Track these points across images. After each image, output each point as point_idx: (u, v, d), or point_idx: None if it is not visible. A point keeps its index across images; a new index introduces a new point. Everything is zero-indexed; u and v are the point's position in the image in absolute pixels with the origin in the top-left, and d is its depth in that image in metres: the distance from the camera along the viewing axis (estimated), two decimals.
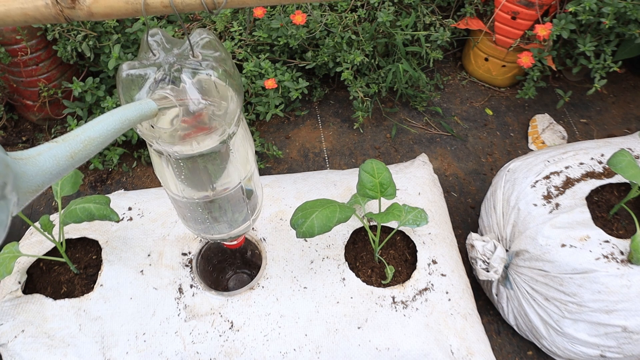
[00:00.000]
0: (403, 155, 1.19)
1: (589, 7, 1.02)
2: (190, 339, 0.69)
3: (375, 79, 1.20)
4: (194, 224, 0.55)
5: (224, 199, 0.51)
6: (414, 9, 1.19)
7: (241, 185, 0.52)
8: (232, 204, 0.53)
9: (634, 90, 1.33)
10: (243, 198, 0.54)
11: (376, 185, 0.69)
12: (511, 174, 0.87)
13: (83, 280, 0.75)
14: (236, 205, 0.54)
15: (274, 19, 1.11)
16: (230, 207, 0.54)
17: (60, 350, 0.67)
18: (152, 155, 0.47)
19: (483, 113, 1.28)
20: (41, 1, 0.36)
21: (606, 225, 0.77)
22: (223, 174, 0.49)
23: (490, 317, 0.94)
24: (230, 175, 0.49)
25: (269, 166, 1.17)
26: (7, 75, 1.13)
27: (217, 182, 0.49)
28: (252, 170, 0.53)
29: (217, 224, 0.55)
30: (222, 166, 0.48)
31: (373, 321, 0.70)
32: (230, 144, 0.46)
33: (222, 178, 0.49)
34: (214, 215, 0.54)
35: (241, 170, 0.50)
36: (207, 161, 0.46)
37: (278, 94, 1.10)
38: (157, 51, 0.41)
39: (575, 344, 0.76)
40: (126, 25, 1.09)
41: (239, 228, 0.58)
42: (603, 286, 0.71)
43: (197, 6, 0.36)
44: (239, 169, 0.50)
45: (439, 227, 0.82)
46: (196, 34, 0.42)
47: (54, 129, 1.22)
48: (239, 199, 0.53)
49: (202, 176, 0.47)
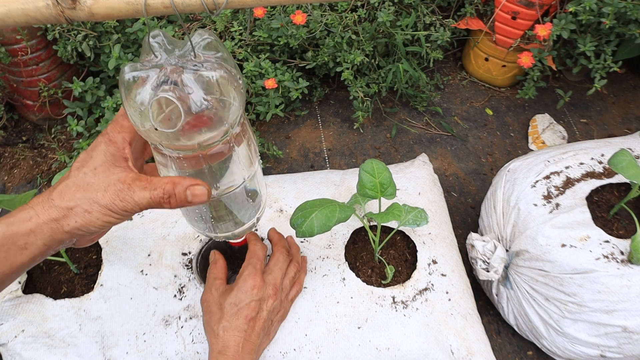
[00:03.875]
0: (403, 155, 1.19)
1: (589, 7, 1.02)
2: (191, 339, 0.69)
3: (376, 79, 1.20)
4: (198, 222, 0.56)
5: (228, 197, 0.52)
6: (414, 9, 1.19)
7: (245, 184, 0.52)
8: (236, 202, 0.53)
9: (634, 90, 1.33)
10: (247, 197, 0.54)
11: (376, 185, 0.69)
12: (511, 174, 0.87)
13: (83, 280, 0.75)
14: (241, 204, 0.54)
15: (274, 19, 1.11)
16: (234, 205, 0.54)
17: (61, 350, 0.67)
18: (157, 156, 0.47)
19: (483, 113, 1.28)
20: (42, 2, 0.36)
21: (606, 225, 0.77)
22: (227, 173, 0.49)
23: (490, 317, 0.94)
24: (234, 174, 0.49)
25: (269, 166, 1.17)
26: (7, 75, 1.13)
27: (221, 181, 0.49)
28: (255, 169, 0.53)
29: (222, 222, 0.55)
30: (226, 165, 0.48)
31: (373, 321, 0.70)
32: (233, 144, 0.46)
33: (226, 177, 0.49)
34: (219, 214, 0.54)
35: (245, 169, 0.50)
36: (211, 161, 0.46)
37: (278, 93, 1.10)
38: (159, 52, 0.41)
39: (575, 344, 0.77)
40: (126, 25, 1.09)
41: (243, 227, 0.58)
42: (603, 286, 0.71)
43: (197, 7, 0.36)
44: (243, 168, 0.50)
45: (439, 227, 0.82)
46: (197, 35, 0.42)
47: (54, 128, 1.22)
48: (243, 198, 0.54)
49: (206, 176, 0.47)
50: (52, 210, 0.43)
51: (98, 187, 0.44)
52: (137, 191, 0.44)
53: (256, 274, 0.65)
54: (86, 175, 0.44)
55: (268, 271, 0.67)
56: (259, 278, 0.65)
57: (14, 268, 0.44)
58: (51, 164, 1.17)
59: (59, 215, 0.43)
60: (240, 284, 0.64)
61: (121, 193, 0.44)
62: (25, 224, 0.43)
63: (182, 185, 0.44)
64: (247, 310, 0.62)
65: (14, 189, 1.13)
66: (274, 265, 0.68)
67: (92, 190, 0.44)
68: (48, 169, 1.16)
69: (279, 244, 0.72)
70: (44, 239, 0.44)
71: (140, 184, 0.44)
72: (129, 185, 0.44)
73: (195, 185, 0.45)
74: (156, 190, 0.44)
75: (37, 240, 0.43)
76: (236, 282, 0.65)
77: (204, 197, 0.45)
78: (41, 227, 0.43)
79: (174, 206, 0.45)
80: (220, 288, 0.65)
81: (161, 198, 0.44)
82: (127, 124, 0.47)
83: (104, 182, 0.44)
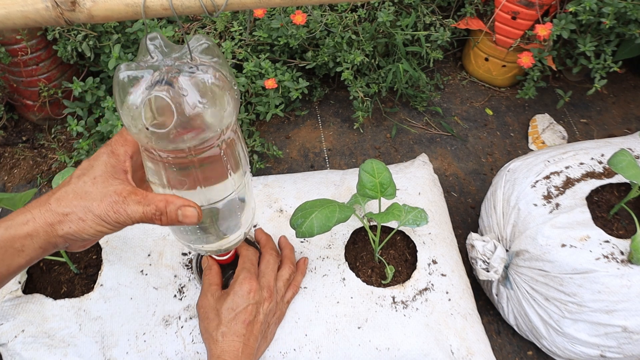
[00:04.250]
0: (403, 155, 1.19)
1: (589, 7, 1.02)
2: (191, 339, 0.69)
3: (375, 79, 1.20)
4: (186, 235, 0.55)
5: (217, 208, 0.51)
6: (414, 9, 1.19)
7: (235, 193, 0.52)
8: (224, 213, 0.53)
9: (634, 90, 1.33)
10: (236, 208, 0.54)
11: (376, 185, 0.69)
12: (511, 174, 0.87)
13: (83, 280, 0.75)
14: (229, 215, 0.54)
15: (274, 19, 1.11)
16: (222, 217, 0.54)
17: (61, 350, 0.67)
18: (147, 162, 0.47)
19: (483, 113, 1.28)
20: (41, 4, 0.36)
21: (606, 225, 0.77)
22: (217, 182, 0.49)
23: (490, 317, 0.94)
24: (225, 183, 0.49)
25: (269, 166, 1.17)
26: (7, 75, 1.13)
27: (211, 189, 0.49)
28: (246, 180, 0.53)
29: (209, 235, 0.55)
30: (216, 173, 0.48)
31: (373, 321, 0.70)
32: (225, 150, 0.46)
33: (216, 186, 0.49)
34: (205, 225, 0.54)
35: (235, 178, 0.50)
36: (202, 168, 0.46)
37: (278, 93, 1.10)
38: (156, 54, 0.41)
39: (575, 344, 0.77)
40: (126, 25, 1.09)
41: (229, 238, 0.58)
42: (603, 286, 0.71)
43: (196, 9, 0.36)
44: (233, 177, 0.50)
45: (439, 227, 0.82)
46: (194, 40, 0.42)
47: (54, 128, 1.22)
48: (232, 209, 0.53)
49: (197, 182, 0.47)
50: (48, 215, 0.45)
51: (95, 196, 0.45)
52: (131, 205, 0.45)
53: (251, 278, 0.65)
54: (85, 184, 0.46)
55: (261, 274, 0.68)
56: (255, 282, 0.65)
57: (10, 270, 0.45)
58: (51, 164, 1.17)
59: (54, 220, 0.45)
60: (237, 288, 0.64)
61: (115, 205, 0.45)
62: (23, 227, 0.44)
63: (174, 205, 0.45)
64: (244, 315, 0.63)
65: (14, 189, 1.13)
66: (266, 268, 0.69)
67: (88, 199, 0.45)
68: (48, 169, 1.16)
69: (267, 246, 0.73)
70: (40, 242, 0.45)
71: (135, 198, 0.45)
72: (124, 199, 0.45)
73: (186, 207, 0.46)
74: (149, 207, 0.45)
75: (33, 243, 0.45)
76: (232, 286, 0.65)
77: (194, 218, 0.46)
78: (37, 230, 0.44)
79: (164, 224, 0.46)
80: (216, 293, 0.66)
81: (153, 214, 0.45)
82: (131, 139, 0.48)
83: (101, 192, 0.45)
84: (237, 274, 0.67)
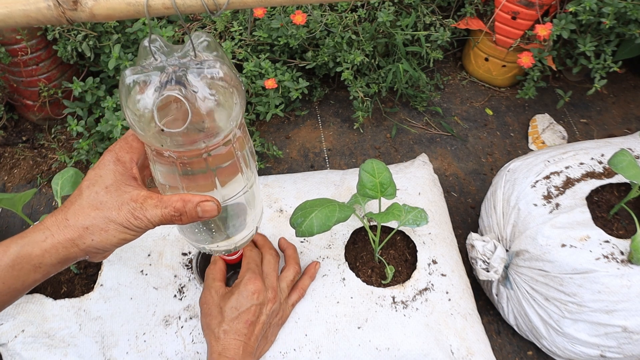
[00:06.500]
0: (403, 155, 1.19)
1: (589, 7, 1.02)
2: (191, 339, 0.69)
3: (375, 79, 1.20)
4: (195, 235, 0.55)
5: (230, 205, 0.51)
6: (414, 9, 1.19)
7: (246, 190, 0.52)
8: (237, 210, 0.53)
9: (634, 90, 1.33)
10: (249, 203, 0.54)
11: (376, 185, 0.69)
12: (511, 174, 0.87)
13: (83, 280, 0.75)
14: (242, 211, 0.54)
15: (274, 19, 1.11)
16: (235, 214, 0.54)
17: (61, 350, 0.67)
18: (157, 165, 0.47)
19: (483, 113, 1.28)
20: (43, 3, 0.36)
21: (606, 225, 0.77)
22: (229, 179, 0.49)
23: (490, 317, 0.94)
24: (237, 180, 0.49)
25: (269, 166, 1.17)
26: (7, 75, 1.13)
27: (225, 187, 0.49)
28: (255, 177, 0.53)
29: (220, 233, 0.55)
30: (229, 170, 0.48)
31: (373, 321, 0.70)
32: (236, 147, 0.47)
33: (229, 184, 0.49)
34: (217, 223, 0.54)
35: (246, 175, 0.50)
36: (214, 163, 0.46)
37: (278, 94, 1.10)
38: (159, 55, 0.41)
39: (575, 344, 0.77)
40: (126, 25, 1.09)
41: (241, 234, 0.57)
42: (603, 286, 0.71)
43: (198, 8, 0.36)
44: (245, 173, 0.50)
45: (439, 227, 0.82)
46: (195, 37, 0.42)
47: (54, 128, 1.22)
48: (246, 204, 0.53)
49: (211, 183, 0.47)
50: (68, 230, 0.45)
51: (111, 205, 0.45)
52: (149, 209, 0.45)
53: (257, 279, 0.65)
54: (98, 195, 0.46)
55: (265, 275, 0.68)
56: (260, 283, 0.65)
57: (26, 285, 0.46)
58: (51, 164, 1.17)
59: (75, 235, 0.45)
60: (242, 288, 0.64)
61: (135, 211, 0.45)
62: (41, 244, 0.44)
63: (192, 203, 0.46)
64: (247, 315, 0.63)
65: (14, 189, 1.13)
66: (268, 268, 0.69)
67: (105, 209, 0.45)
68: (48, 169, 1.16)
69: (265, 246, 0.73)
70: (59, 257, 0.45)
71: (152, 202, 0.45)
72: (142, 204, 0.45)
73: (205, 202, 0.46)
74: (167, 209, 0.45)
75: (51, 259, 0.45)
76: (237, 285, 0.65)
77: (214, 211, 0.47)
78: (56, 246, 0.44)
79: (185, 222, 0.47)
80: (220, 290, 0.66)
81: (172, 216, 0.46)
82: (137, 145, 0.48)
83: (116, 200, 0.45)
84: (242, 274, 0.67)
